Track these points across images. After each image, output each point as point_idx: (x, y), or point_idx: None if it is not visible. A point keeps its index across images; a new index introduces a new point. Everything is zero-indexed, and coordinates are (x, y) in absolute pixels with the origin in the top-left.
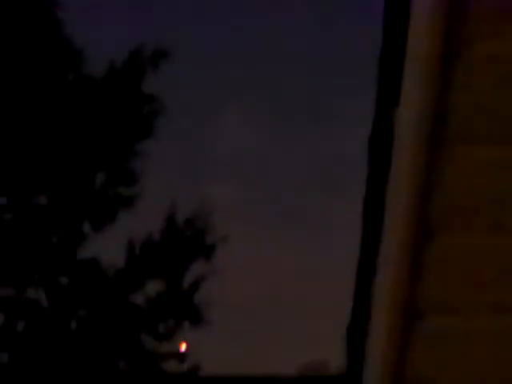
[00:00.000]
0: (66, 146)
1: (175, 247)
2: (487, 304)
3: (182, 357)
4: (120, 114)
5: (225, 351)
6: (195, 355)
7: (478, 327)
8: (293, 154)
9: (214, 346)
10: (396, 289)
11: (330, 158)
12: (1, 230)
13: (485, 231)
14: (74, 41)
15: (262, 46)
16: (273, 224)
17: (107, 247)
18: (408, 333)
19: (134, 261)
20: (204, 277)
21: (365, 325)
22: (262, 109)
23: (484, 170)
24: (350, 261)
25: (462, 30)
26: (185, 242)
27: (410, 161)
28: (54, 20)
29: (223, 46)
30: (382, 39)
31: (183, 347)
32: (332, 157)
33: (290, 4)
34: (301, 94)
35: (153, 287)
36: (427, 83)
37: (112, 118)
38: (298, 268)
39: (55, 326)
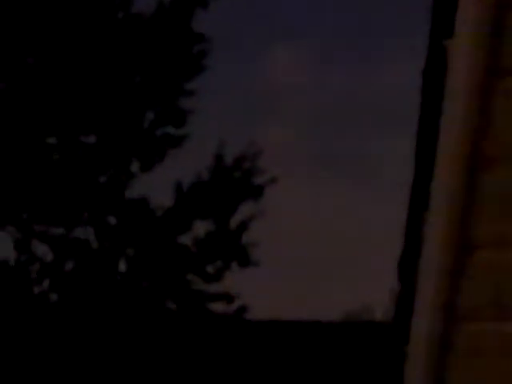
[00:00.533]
0: (115, 85)
1: (224, 187)
2: None
3: (229, 298)
4: (169, 53)
5: (272, 293)
6: (243, 297)
7: None
8: (344, 92)
9: (262, 287)
10: (447, 225)
11: (381, 96)
12: (50, 170)
13: None
14: None
15: None
16: (324, 163)
17: (155, 187)
18: (459, 271)
19: (182, 201)
20: (252, 217)
21: (416, 261)
22: (313, 46)
23: None
24: (400, 205)
25: None
26: (233, 182)
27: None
28: None
29: None
30: None
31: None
32: (383, 94)
33: None
34: (352, 32)
35: (201, 227)
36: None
37: (161, 56)
38: (348, 211)
39: (104, 266)
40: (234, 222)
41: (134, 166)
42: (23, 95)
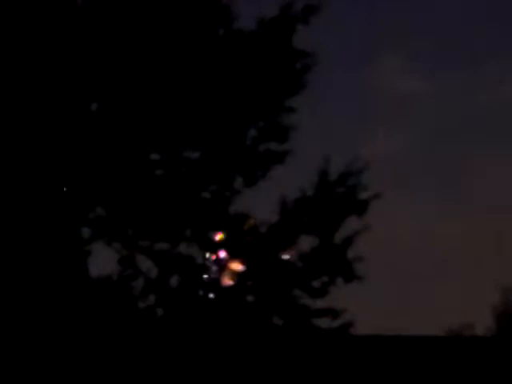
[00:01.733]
0: (219, 102)
1: (328, 203)
2: None
3: (334, 313)
4: (270, 70)
5: (375, 308)
6: (348, 312)
7: None
8: (457, 102)
9: (366, 302)
10: None
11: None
12: (154, 186)
13: None
14: None
15: None
16: (431, 179)
17: (259, 203)
18: None
19: (287, 216)
20: (357, 232)
21: None
22: (423, 54)
23: None
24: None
25: None
26: (337, 198)
27: None
28: None
29: None
30: None
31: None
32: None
33: None
34: (460, 36)
35: (305, 243)
36: None
37: (262, 73)
38: (452, 227)
39: (208, 281)
40: (339, 237)
41: (238, 182)
42: (127, 111)
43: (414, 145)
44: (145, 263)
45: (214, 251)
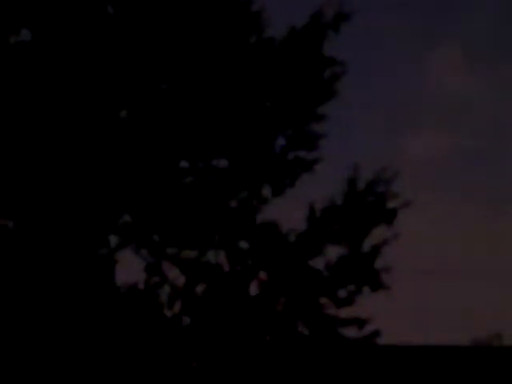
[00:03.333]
0: (247, 110)
1: (356, 211)
2: None
3: (361, 322)
4: (300, 78)
5: (402, 317)
6: (374, 321)
7: None
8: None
9: (393, 312)
10: None
11: None
12: (182, 193)
13: None
14: (254, 3)
15: None
16: (467, 188)
17: (287, 211)
18: None
19: (315, 225)
20: (385, 241)
21: None
22: (475, 51)
23: None
24: None
25: None
26: (366, 207)
27: None
28: None
29: None
30: None
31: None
32: None
33: None
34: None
35: (333, 251)
36: None
37: (293, 81)
38: (481, 236)
39: (235, 290)
40: (367, 246)
41: (266, 190)
42: (156, 118)
43: (454, 146)
44: (172, 271)
45: (242, 259)
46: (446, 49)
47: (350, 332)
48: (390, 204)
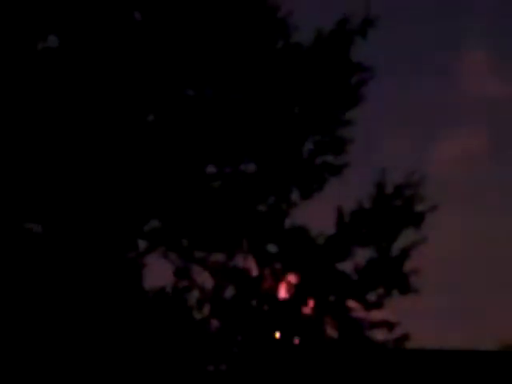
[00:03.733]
0: (275, 115)
1: (384, 215)
2: None
3: (390, 326)
4: (327, 83)
5: (431, 321)
6: (403, 325)
7: None
8: None
9: (421, 315)
10: None
11: None
12: (210, 198)
13: None
14: (280, 9)
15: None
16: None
17: (316, 215)
18: None
19: (344, 228)
20: (414, 244)
21: None
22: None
23: None
24: None
25: None
26: (394, 210)
27: None
28: None
29: None
30: None
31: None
32: None
33: None
34: None
35: (362, 255)
36: None
37: (320, 86)
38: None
39: (263, 293)
40: (395, 249)
41: (294, 195)
42: (184, 124)
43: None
44: (200, 275)
45: (270, 263)
46: (473, 49)
47: (379, 335)
48: (418, 207)
